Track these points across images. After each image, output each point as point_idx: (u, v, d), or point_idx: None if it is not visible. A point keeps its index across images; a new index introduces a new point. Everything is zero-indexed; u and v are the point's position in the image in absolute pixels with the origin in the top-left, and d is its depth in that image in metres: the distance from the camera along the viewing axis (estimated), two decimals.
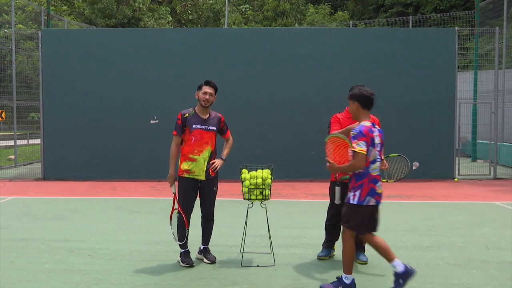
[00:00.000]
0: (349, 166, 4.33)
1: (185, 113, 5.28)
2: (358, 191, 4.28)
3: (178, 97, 10.92)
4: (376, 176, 4.34)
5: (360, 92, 4.45)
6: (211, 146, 5.27)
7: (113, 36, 12.59)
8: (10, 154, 16.09)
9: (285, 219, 7.61)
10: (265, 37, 12.40)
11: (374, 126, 4.38)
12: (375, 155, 4.32)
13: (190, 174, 5.22)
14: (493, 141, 12.92)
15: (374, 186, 4.30)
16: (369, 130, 4.28)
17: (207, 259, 5.34)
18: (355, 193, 4.30)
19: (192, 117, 5.25)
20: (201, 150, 5.19)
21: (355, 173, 4.33)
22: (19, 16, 24.06)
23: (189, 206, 5.28)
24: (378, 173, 4.38)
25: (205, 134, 5.23)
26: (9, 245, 5.98)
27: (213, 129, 5.29)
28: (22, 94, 15.33)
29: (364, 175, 4.29)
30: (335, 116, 5.42)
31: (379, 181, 4.37)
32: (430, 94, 11.94)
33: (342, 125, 5.30)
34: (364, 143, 4.22)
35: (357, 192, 4.29)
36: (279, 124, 11.84)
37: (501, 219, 7.61)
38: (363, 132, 4.25)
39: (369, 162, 4.29)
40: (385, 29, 18.51)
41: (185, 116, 5.25)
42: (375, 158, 4.32)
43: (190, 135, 5.22)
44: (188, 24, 37.29)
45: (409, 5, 30.62)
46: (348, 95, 4.56)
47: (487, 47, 17.78)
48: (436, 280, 4.76)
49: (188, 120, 5.23)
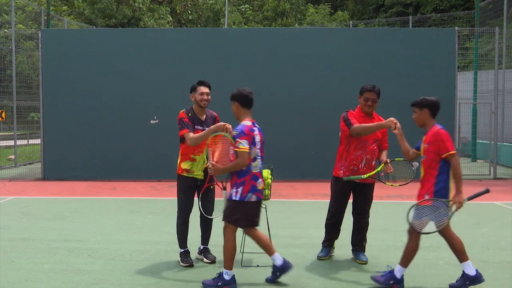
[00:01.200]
0: (233, 165, 4.49)
1: (188, 112, 5.27)
2: (241, 187, 4.45)
3: (178, 97, 10.90)
4: (256, 174, 4.52)
5: (238, 92, 4.70)
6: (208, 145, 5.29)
7: (113, 36, 12.59)
8: (10, 154, 16.09)
9: (285, 219, 7.61)
10: (265, 37, 12.40)
11: (254, 125, 4.59)
12: (256, 153, 4.51)
13: (189, 174, 5.23)
14: (493, 141, 12.91)
15: (255, 183, 4.49)
16: (250, 129, 4.50)
17: (207, 258, 5.35)
18: (237, 189, 4.47)
19: (193, 117, 5.25)
20: (201, 151, 5.20)
21: (237, 171, 4.46)
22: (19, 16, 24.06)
23: (189, 204, 5.29)
24: (258, 170, 4.55)
25: None
26: (9, 245, 5.98)
27: None
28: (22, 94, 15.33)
29: (246, 172, 4.46)
30: (351, 112, 5.35)
31: (259, 178, 4.55)
32: (430, 94, 11.71)
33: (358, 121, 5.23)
34: (246, 142, 4.42)
35: (239, 189, 4.46)
36: (279, 124, 11.83)
37: (501, 219, 7.61)
38: (244, 131, 4.45)
39: (251, 160, 4.47)
40: (385, 29, 18.52)
41: (189, 114, 5.24)
42: (255, 156, 4.51)
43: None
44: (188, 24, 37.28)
45: (409, 5, 30.62)
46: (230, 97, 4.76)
47: (487, 47, 17.78)
48: (436, 280, 4.77)
49: (192, 120, 5.23)
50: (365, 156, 5.23)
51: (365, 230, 5.44)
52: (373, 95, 5.30)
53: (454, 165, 4.38)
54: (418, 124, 4.66)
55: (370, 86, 5.33)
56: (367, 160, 5.22)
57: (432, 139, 4.46)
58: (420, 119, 4.60)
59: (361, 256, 5.36)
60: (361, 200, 5.39)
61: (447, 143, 4.40)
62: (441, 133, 4.44)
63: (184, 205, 5.25)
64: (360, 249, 5.41)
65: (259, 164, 4.56)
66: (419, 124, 4.64)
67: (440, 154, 4.40)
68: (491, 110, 13.16)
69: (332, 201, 5.49)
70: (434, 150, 4.44)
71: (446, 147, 4.38)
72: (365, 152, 5.23)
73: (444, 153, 4.38)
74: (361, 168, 5.22)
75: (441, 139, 4.41)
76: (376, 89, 5.34)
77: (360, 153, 5.24)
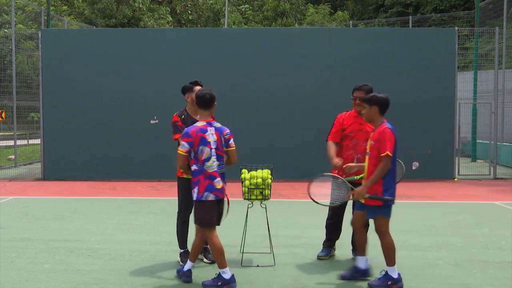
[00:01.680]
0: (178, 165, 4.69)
1: (181, 115, 5.27)
2: (196, 187, 4.56)
3: (178, 97, 10.79)
4: (212, 173, 4.54)
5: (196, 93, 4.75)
6: None
7: (113, 36, 12.59)
8: (10, 154, 16.09)
9: (285, 219, 7.62)
10: (265, 37, 12.39)
11: (210, 125, 4.62)
12: (209, 153, 4.54)
13: (188, 175, 5.22)
14: (493, 141, 12.92)
15: (211, 182, 4.54)
16: (198, 130, 4.53)
17: (207, 259, 5.35)
18: (194, 189, 4.58)
19: (187, 119, 5.24)
20: None
21: (192, 171, 4.58)
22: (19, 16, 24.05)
23: (188, 205, 5.29)
24: (215, 169, 4.56)
25: None
26: (9, 245, 5.98)
27: None
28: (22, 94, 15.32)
29: (199, 172, 4.54)
30: (337, 118, 5.45)
31: (217, 177, 4.56)
32: (430, 94, 11.93)
33: (343, 125, 5.34)
34: (186, 144, 4.51)
35: (195, 189, 4.57)
36: (279, 124, 11.83)
37: (501, 219, 7.61)
38: (188, 133, 4.54)
39: (203, 160, 4.52)
40: (385, 29, 18.52)
41: (182, 117, 5.24)
42: (209, 156, 4.54)
43: None
44: (188, 24, 37.28)
45: (409, 5, 30.61)
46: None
47: (487, 47, 17.77)
48: (436, 280, 4.76)
49: (185, 122, 5.23)
50: (356, 156, 5.26)
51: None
52: (360, 93, 5.29)
53: (382, 166, 4.48)
54: (366, 120, 4.77)
55: (358, 85, 5.39)
56: (358, 159, 5.24)
57: (378, 137, 4.55)
58: (369, 115, 4.68)
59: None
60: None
61: (388, 143, 4.47)
62: (386, 132, 4.53)
63: (184, 205, 5.26)
64: None
65: (215, 163, 4.57)
66: (368, 120, 4.73)
67: (380, 153, 4.50)
68: (491, 110, 13.16)
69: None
70: (378, 147, 4.53)
71: (385, 147, 4.46)
72: (356, 152, 5.28)
73: (382, 153, 4.46)
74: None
75: (384, 138, 4.49)
76: (366, 87, 5.33)
77: (351, 152, 5.29)
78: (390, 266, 4.56)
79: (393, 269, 4.54)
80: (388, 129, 4.55)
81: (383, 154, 4.46)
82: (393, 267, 4.55)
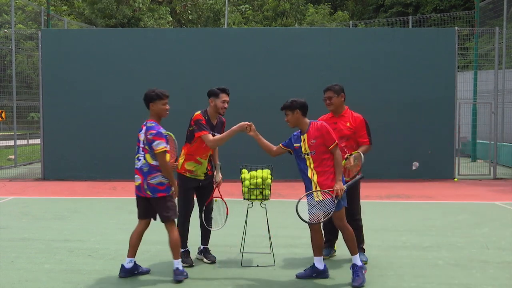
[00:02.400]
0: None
1: (204, 115, 5.25)
2: None
3: (178, 97, 10.83)
4: (135, 170, 4.92)
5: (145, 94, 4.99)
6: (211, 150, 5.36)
7: (113, 36, 12.59)
8: (10, 154, 16.09)
9: (285, 219, 7.61)
10: (265, 37, 12.39)
11: (145, 124, 4.94)
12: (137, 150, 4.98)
13: (192, 175, 5.24)
14: (493, 141, 12.91)
15: (134, 178, 4.91)
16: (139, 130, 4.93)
17: (207, 259, 5.35)
18: None
19: (207, 121, 5.24)
20: (207, 155, 5.30)
21: None
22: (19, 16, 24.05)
23: (189, 204, 5.31)
24: (136, 166, 4.91)
25: None
26: (9, 245, 5.98)
27: (217, 135, 5.32)
28: (22, 94, 15.33)
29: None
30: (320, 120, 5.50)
31: (136, 174, 4.92)
32: (430, 94, 11.93)
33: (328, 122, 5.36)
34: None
35: None
36: (279, 124, 11.76)
37: (501, 219, 7.61)
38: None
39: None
40: (385, 29, 18.52)
41: (205, 117, 5.23)
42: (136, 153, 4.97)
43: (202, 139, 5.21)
44: (188, 24, 37.27)
45: (409, 5, 30.61)
46: None
47: (487, 47, 17.77)
48: (436, 280, 4.76)
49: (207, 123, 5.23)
50: None
51: (357, 231, 5.36)
52: (328, 93, 5.48)
53: (338, 154, 4.69)
54: (291, 125, 4.92)
55: (327, 86, 5.53)
56: None
57: (317, 133, 4.72)
58: (293, 120, 4.86)
59: (360, 256, 5.34)
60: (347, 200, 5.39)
61: (331, 133, 4.73)
62: (323, 125, 4.77)
63: (185, 205, 5.26)
64: (358, 249, 5.39)
65: (138, 161, 4.92)
66: (293, 125, 4.90)
67: (327, 146, 4.67)
68: (491, 110, 13.16)
69: None
70: (322, 142, 4.69)
71: (331, 138, 4.70)
72: None
73: (331, 144, 4.68)
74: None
75: (326, 131, 4.71)
76: (333, 87, 5.50)
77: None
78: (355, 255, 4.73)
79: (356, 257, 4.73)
80: (322, 123, 4.80)
81: (333, 145, 4.68)
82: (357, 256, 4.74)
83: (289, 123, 4.90)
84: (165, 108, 4.95)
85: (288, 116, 4.86)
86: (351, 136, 5.32)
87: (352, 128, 5.33)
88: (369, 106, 9.80)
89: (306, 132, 4.81)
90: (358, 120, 5.38)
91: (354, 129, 5.33)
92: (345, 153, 5.18)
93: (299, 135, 4.89)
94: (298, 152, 4.86)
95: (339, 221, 4.74)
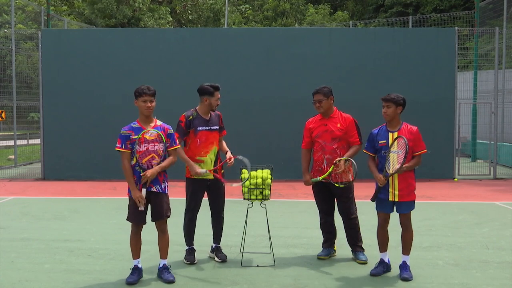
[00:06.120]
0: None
1: (188, 116, 5.28)
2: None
3: (177, 97, 10.91)
4: None
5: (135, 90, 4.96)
6: (216, 145, 5.35)
7: (113, 36, 12.58)
8: (10, 154, 16.09)
9: (285, 219, 7.61)
10: (265, 37, 12.39)
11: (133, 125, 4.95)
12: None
13: (198, 175, 5.22)
14: (493, 141, 12.91)
15: None
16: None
17: (217, 257, 5.38)
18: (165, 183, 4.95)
19: (196, 119, 5.25)
20: (207, 151, 5.26)
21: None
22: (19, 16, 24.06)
23: (196, 206, 5.34)
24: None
25: (209, 134, 5.29)
26: (9, 245, 5.98)
27: (216, 128, 5.36)
28: (22, 94, 15.33)
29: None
30: (305, 125, 5.67)
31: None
32: (430, 94, 11.92)
33: (310, 130, 5.53)
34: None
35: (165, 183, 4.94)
36: (279, 124, 11.83)
37: (501, 219, 7.61)
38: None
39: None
40: (385, 29, 18.51)
41: (189, 118, 5.25)
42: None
43: (195, 137, 5.24)
44: (188, 24, 37.27)
45: (409, 5, 30.61)
46: None
47: (487, 47, 17.77)
48: (436, 280, 4.76)
49: (192, 122, 5.23)
50: (325, 156, 5.31)
51: (353, 230, 5.41)
52: (317, 96, 5.53)
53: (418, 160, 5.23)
54: (388, 119, 5.02)
55: (316, 89, 5.59)
56: (327, 160, 5.28)
57: (411, 136, 5.04)
58: (393, 115, 5.03)
59: (360, 255, 5.37)
60: (339, 201, 5.44)
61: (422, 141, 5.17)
62: (418, 130, 5.11)
63: (192, 204, 5.32)
64: (358, 249, 5.41)
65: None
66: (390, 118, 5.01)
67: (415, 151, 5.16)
68: (491, 110, 13.16)
69: (317, 203, 5.59)
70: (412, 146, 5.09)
71: (423, 145, 5.24)
72: (324, 152, 5.33)
73: (420, 150, 5.22)
74: (324, 168, 5.30)
75: (419, 137, 5.07)
76: (322, 89, 5.57)
77: (320, 153, 5.36)
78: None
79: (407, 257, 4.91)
80: (416, 128, 5.13)
81: (421, 151, 5.19)
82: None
83: (388, 116, 4.96)
84: (145, 105, 4.93)
85: (390, 109, 4.94)
86: (343, 137, 5.34)
87: (343, 129, 5.36)
88: (369, 106, 9.81)
89: (397, 130, 4.94)
90: (348, 121, 5.41)
91: (345, 129, 5.36)
92: (338, 155, 5.24)
93: (380, 132, 4.99)
94: (381, 149, 4.93)
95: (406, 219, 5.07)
